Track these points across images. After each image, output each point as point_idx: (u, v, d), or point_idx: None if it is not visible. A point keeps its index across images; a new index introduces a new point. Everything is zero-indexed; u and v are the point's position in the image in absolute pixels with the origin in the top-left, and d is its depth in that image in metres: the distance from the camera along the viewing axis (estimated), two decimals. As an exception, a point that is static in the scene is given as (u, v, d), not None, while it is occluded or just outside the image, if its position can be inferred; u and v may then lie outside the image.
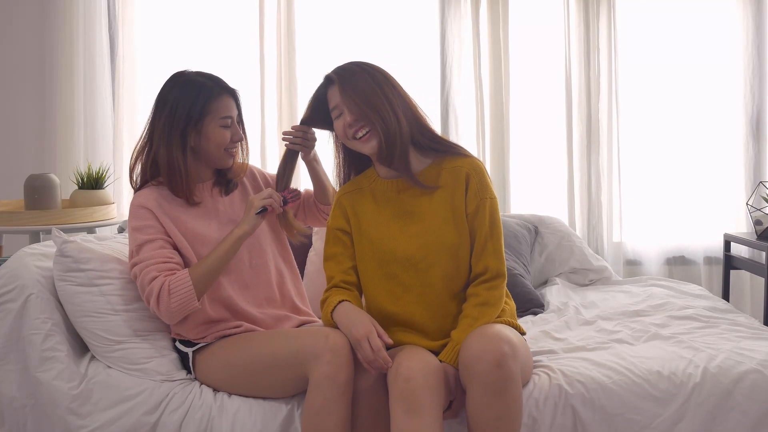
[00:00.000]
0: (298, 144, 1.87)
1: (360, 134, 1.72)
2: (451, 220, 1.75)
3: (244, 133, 1.90)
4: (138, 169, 1.86)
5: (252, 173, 2.01)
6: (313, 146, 1.91)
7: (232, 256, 1.78)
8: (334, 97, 1.73)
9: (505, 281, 1.76)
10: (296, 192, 1.88)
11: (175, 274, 1.72)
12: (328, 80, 1.76)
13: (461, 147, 1.83)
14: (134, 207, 1.79)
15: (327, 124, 1.83)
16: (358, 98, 1.69)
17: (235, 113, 1.85)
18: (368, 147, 1.73)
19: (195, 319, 1.80)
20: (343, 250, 1.82)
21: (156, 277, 1.71)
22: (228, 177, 1.92)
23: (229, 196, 1.92)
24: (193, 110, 1.76)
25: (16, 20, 3.18)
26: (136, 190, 1.87)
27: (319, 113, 1.81)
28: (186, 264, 1.79)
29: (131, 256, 1.78)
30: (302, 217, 2.08)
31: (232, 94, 1.85)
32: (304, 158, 1.93)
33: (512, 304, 1.86)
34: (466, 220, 1.75)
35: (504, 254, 1.76)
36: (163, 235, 1.77)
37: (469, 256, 1.76)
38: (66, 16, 3.09)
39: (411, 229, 1.76)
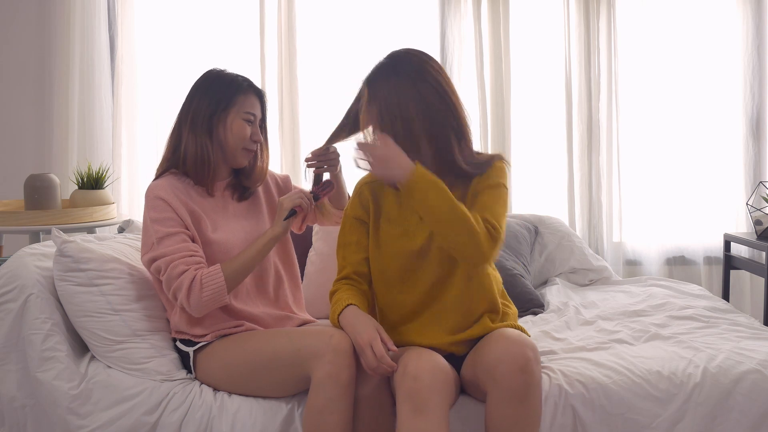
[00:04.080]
0: (324, 167, 1.88)
1: None
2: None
3: (265, 139, 1.93)
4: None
5: (268, 184, 2.02)
6: (338, 162, 1.90)
7: (264, 256, 1.79)
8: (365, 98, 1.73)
9: (498, 232, 1.62)
10: (327, 184, 1.85)
11: (205, 268, 1.72)
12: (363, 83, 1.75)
13: (487, 160, 1.74)
14: (151, 197, 1.77)
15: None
16: (376, 120, 1.69)
17: (259, 114, 1.88)
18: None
19: (190, 322, 1.80)
20: (358, 239, 1.80)
21: (185, 271, 1.69)
22: (245, 184, 1.92)
23: (240, 202, 1.93)
24: (221, 99, 1.80)
25: (16, 20, 3.18)
26: (155, 178, 1.85)
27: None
28: None
29: (150, 247, 1.74)
30: (312, 216, 2.04)
31: (259, 95, 1.88)
32: (331, 174, 1.92)
33: (514, 308, 1.86)
34: None
35: (503, 225, 1.65)
36: (184, 228, 1.75)
37: None
38: (66, 16, 3.09)
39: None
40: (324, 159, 1.87)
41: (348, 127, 1.82)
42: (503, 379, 1.52)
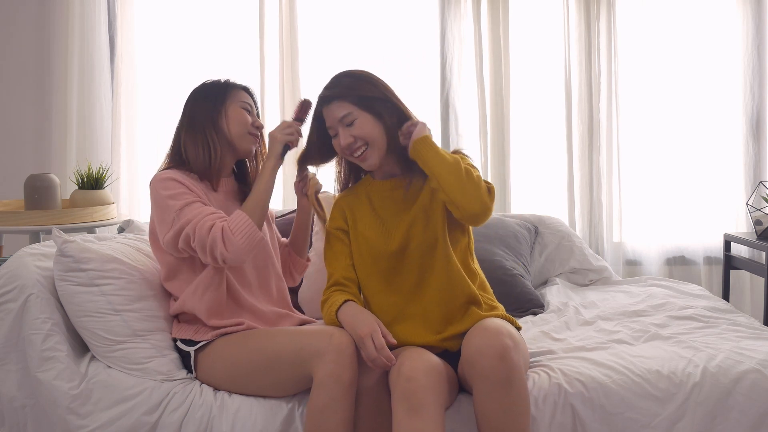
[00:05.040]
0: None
1: (357, 153, 1.79)
2: (443, 208, 1.78)
3: (262, 135, 1.99)
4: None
5: None
6: (313, 186, 1.94)
7: (271, 187, 1.84)
8: (329, 116, 1.80)
9: (492, 191, 1.73)
10: (305, 104, 1.89)
11: (228, 218, 1.76)
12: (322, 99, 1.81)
13: None
14: (160, 180, 1.80)
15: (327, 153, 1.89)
16: (370, 116, 1.77)
17: (253, 107, 1.95)
18: (366, 164, 1.80)
19: (205, 304, 1.81)
20: (342, 248, 1.86)
21: (213, 225, 1.72)
22: (250, 185, 1.97)
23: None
24: (217, 96, 1.89)
25: (16, 20, 3.18)
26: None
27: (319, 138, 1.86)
28: None
29: (171, 224, 1.75)
30: (288, 267, 2.15)
31: (247, 90, 1.96)
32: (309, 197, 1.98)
33: (501, 306, 1.88)
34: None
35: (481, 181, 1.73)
36: (199, 198, 1.79)
37: (466, 237, 1.83)
38: (66, 16, 3.10)
39: (406, 223, 1.80)
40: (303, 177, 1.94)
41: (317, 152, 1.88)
42: (485, 369, 1.55)
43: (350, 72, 1.82)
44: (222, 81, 1.93)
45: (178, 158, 1.88)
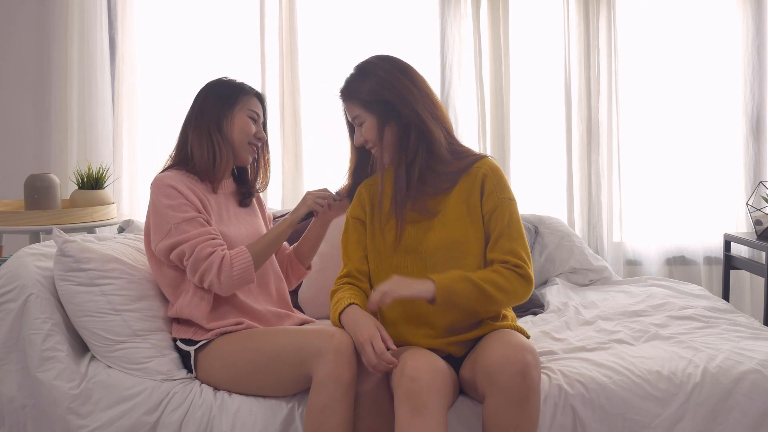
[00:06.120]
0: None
1: (373, 151, 1.79)
2: (465, 218, 1.75)
3: (266, 143, 2.01)
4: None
5: (260, 198, 2.10)
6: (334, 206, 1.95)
7: (283, 239, 1.88)
8: (348, 112, 1.81)
9: (526, 269, 1.69)
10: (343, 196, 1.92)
11: (232, 249, 1.79)
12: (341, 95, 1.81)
13: (473, 154, 1.81)
14: (161, 186, 1.80)
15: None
16: (376, 119, 1.75)
17: (261, 116, 1.96)
18: (383, 162, 1.79)
19: (202, 310, 1.82)
20: (358, 238, 1.85)
21: (213, 252, 1.74)
22: (249, 189, 2.00)
23: (240, 207, 1.98)
24: (228, 97, 1.89)
25: (16, 20, 3.18)
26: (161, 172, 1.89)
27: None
28: None
29: (166, 233, 1.76)
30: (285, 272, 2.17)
31: (261, 99, 1.97)
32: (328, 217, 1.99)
33: (512, 312, 1.87)
34: (481, 219, 1.75)
35: (525, 247, 1.73)
36: (200, 213, 1.79)
37: (482, 254, 1.75)
38: (66, 16, 3.10)
39: (423, 224, 1.77)
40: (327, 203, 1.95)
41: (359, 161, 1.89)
42: (503, 385, 1.52)
43: (364, 69, 1.78)
44: (237, 83, 1.92)
45: (182, 156, 1.89)
